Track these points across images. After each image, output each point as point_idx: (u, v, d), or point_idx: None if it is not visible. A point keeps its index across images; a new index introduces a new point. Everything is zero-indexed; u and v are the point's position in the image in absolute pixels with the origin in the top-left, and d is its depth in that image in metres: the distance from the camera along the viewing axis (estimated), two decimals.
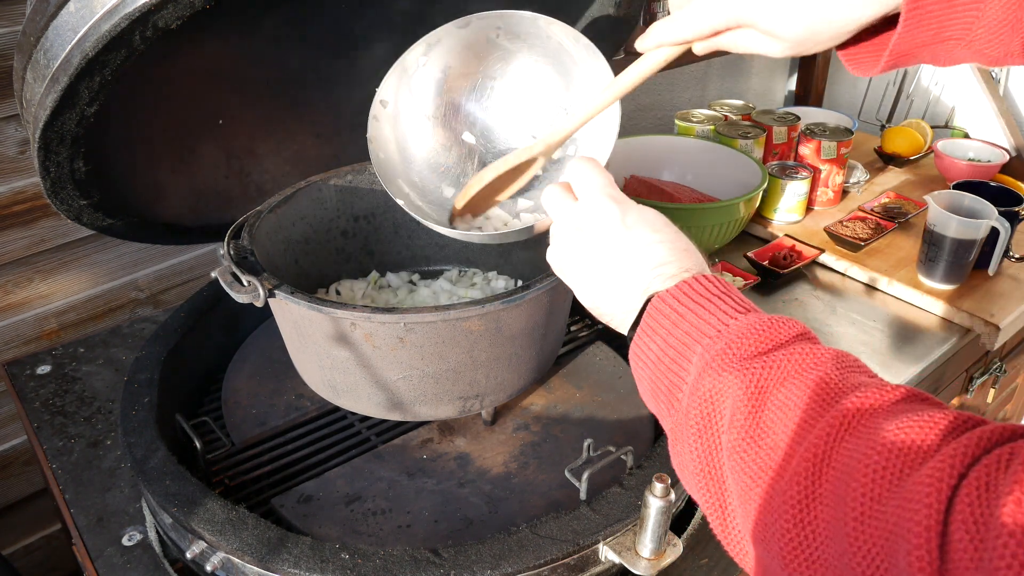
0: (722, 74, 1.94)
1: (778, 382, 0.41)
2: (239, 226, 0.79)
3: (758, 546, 0.40)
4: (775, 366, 0.42)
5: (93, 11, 0.59)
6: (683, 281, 0.49)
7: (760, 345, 0.44)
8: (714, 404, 0.43)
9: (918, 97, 1.89)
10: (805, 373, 0.41)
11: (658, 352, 0.48)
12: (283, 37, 0.89)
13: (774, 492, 0.39)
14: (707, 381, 0.44)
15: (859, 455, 0.35)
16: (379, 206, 0.96)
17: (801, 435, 0.39)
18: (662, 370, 0.48)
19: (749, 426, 0.41)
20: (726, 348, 0.44)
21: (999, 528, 0.29)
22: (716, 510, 0.44)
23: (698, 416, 0.44)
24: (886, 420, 0.36)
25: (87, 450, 0.86)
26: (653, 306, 0.49)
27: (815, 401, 0.39)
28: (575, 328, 1.04)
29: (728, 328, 0.45)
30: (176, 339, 0.90)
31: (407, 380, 0.72)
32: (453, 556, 0.64)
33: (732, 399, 0.42)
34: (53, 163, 0.70)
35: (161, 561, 0.73)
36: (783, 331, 0.45)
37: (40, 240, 1.07)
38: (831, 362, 0.42)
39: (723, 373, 0.43)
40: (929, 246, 1.15)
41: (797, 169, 1.34)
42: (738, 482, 0.41)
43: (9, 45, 0.96)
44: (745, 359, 0.43)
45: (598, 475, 0.70)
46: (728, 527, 0.43)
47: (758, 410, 0.41)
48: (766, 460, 0.40)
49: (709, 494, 0.44)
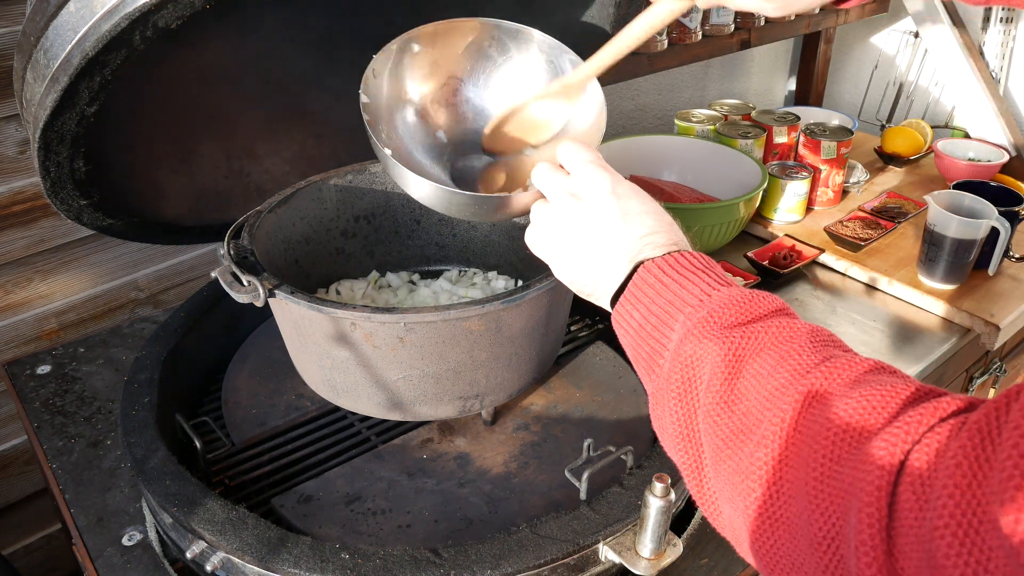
0: (722, 74, 1.94)
1: (755, 352, 0.43)
2: (239, 226, 0.79)
3: (728, 505, 0.42)
4: (753, 337, 0.43)
5: (93, 11, 0.59)
6: (670, 253, 0.50)
7: (740, 316, 0.45)
8: (694, 369, 0.45)
9: (918, 97, 1.89)
10: (780, 345, 0.42)
11: (640, 320, 0.49)
12: (283, 37, 0.89)
13: (743, 455, 0.40)
14: (688, 347, 0.45)
15: (823, 421, 0.37)
16: (379, 206, 0.96)
17: (771, 402, 0.40)
18: (643, 336, 0.49)
19: (725, 392, 0.42)
20: (707, 317, 0.46)
21: (940, 490, 0.30)
22: (692, 470, 0.45)
23: (679, 380, 0.45)
24: (852, 389, 0.38)
25: (87, 450, 0.86)
26: (639, 275, 0.51)
27: (787, 371, 0.41)
28: (575, 328, 1.04)
29: (711, 298, 0.47)
30: (176, 339, 0.90)
31: (407, 380, 0.72)
32: (453, 556, 0.64)
33: (711, 365, 0.44)
34: (53, 163, 0.70)
35: (161, 561, 0.73)
36: (763, 304, 0.46)
37: (40, 240, 1.07)
38: (806, 336, 0.43)
39: (703, 340, 0.45)
40: (929, 246, 1.15)
41: (797, 169, 1.34)
42: (711, 444, 0.43)
43: (9, 45, 0.96)
44: (725, 328, 0.45)
45: (598, 475, 0.70)
46: (703, 487, 0.45)
47: (734, 377, 0.42)
48: (738, 425, 0.41)
49: (686, 455, 0.45)
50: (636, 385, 0.91)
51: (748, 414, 0.41)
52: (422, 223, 1.00)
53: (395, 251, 1.00)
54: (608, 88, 0.72)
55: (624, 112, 1.74)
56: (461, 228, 1.01)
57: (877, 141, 1.65)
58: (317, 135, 1.02)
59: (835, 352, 0.42)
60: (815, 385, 0.39)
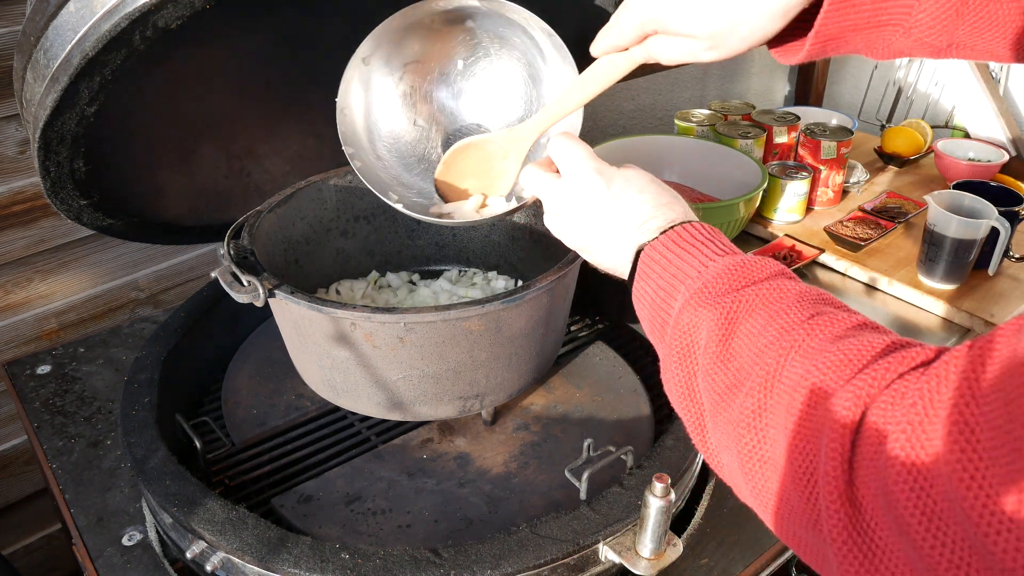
0: (722, 74, 1.94)
1: (747, 313, 0.46)
2: (239, 226, 0.79)
3: (725, 453, 0.46)
4: (746, 299, 0.46)
5: (93, 11, 0.59)
6: (665, 233, 0.53)
7: (735, 283, 0.48)
8: (691, 336, 0.48)
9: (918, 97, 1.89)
10: (771, 305, 0.45)
11: (651, 295, 0.53)
12: (283, 37, 0.89)
13: (735, 406, 0.44)
14: (686, 316, 0.49)
15: (803, 372, 0.40)
16: (379, 206, 0.96)
17: (760, 357, 0.43)
18: (654, 310, 0.53)
19: (719, 352, 0.46)
20: (703, 287, 0.49)
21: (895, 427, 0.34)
22: (696, 427, 0.49)
23: (679, 347, 0.49)
24: (832, 343, 0.41)
25: (87, 450, 0.86)
26: (642, 260, 0.54)
27: (776, 328, 0.44)
28: (575, 328, 1.04)
29: (707, 269, 0.50)
30: (176, 339, 0.90)
31: (407, 380, 0.72)
32: (453, 556, 0.64)
33: (707, 330, 0.47)
34: (53, 163, 0.70)
35: (161, 561, 0.73)
36: (759, 270, 0.48)
37: (40, 240, 1.07)
38: (796, 296, 0.46)
39: (699, 309, 0.48)
40: (929, 246, 1.15)
41: (797, 169, 1.34)
42: (709, 400, 0.46)
43: (9, 45, 0.96)
44: (720, 295, 0.47)
45: (598, 475, 0.70)
46: (705, 440, 0.48)
47: (728, 338, 0.46)
48: (731, 380, 0.45)
49: (689, 413, 0.49)
50: (636, 385, 0.91)
51: (740, 370, 0.44)
52: (422, 223, 1.00)
53: (395, 251, 1.00)
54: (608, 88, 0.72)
55: (624, 112, 1.74)
56: (461, 228, 1.01)
57: (877, 141, 1.65)
58: (317, 135, 1.02)
59: (824, 309, 0.44)
60: (799, 340, 0.42)
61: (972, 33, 0.50)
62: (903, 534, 0.33)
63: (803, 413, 0.39)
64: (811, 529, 0.39)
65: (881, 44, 0.52)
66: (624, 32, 0.57)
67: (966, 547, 0.31)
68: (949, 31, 0.49)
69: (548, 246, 0.92)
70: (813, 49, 0.51)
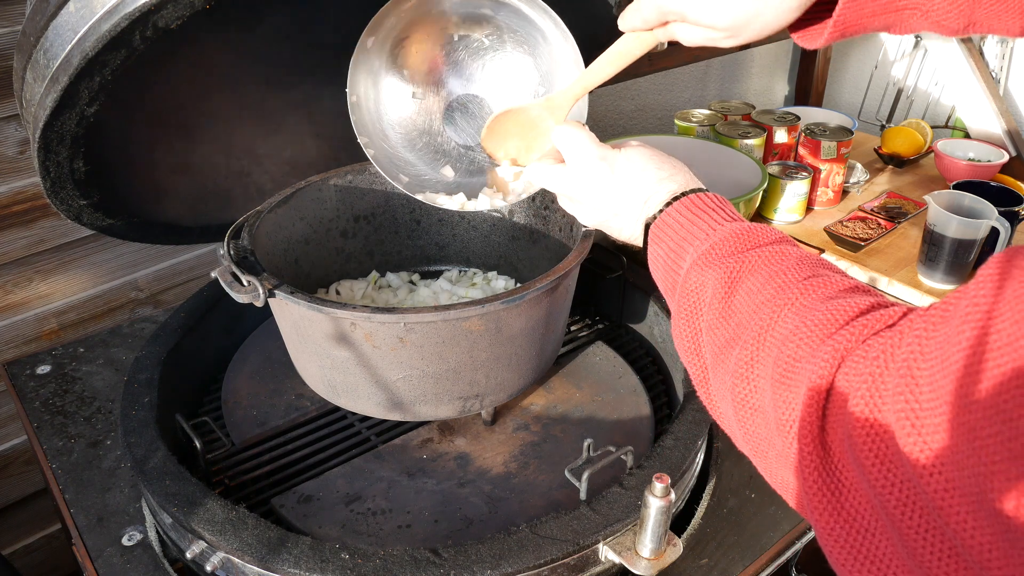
0: (722, 74, 1.94)
1: (749, 273, 0.49)
2: (239, 226, 0.79)
3: (723, 403, 0.49)
4: (749, 261, 0.49)
5: (93, 11, 0.59)
6: (670, 204, 0.57)
7: (740, 246, 0.51)
8: (697, 295, 0.51)
9: (918, 97, 1.89)
10: (771, 266, 0.48)
11: (663, 258, 0.57)
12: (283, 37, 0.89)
13: (732, 358, 0.47)
14: (693, 276, 0.52)
15: (794, 326, 0.43)
16: (379, 206, 0.96)
17: (756, 313, 0.46)
18: (666, 271, 0.56)
19: (721, 308, 0.49)
20: (710, 249, 0.52)
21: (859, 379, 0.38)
22: (700, 379, 0.52)
23: (686, 305, 0.52)
24: (824, 302, 0.44)
25: (87, 450, 0.86)
26: (652, 231, 0.58)
27: (773, 287, 0.47)
28: (575, 328, 1.04)
29: (715, 232, 0.53)
30: (176, 339, 0.90)
31: (407, 380, 0.72)
32: (453, 556, 0.64)
33: (712, 288, 0.50)
34: (53, 163, 0.70)
35: (161, 561, 0.73)
36: (764, 235, 0.51)
37: (40, 240, 1.07)
38: (796, 259, 0.49)
39: (705, 269, 0.51)
40: (929, 246, 1.15)
41: (797, 169, 1.34)
42: (711, 352, 0.50)
43: (9, 45, 0.96)
44: (725, 256, 0.50)
45: (598, 475, 0.70)
46: (708, 392, 0.51)
47: (729, 295, 0.49)
48: (731, 334, 0.48)
49: (694, 366, 0.52)
50: (636, 385, 0.91)
51: (739, 325, 0.47)
52: (422, 223, 1.00)
53: (395, 251, 1.00)
54: (608, 88, 0.73)
55: (624, 112, 1.74)
56: (461, 228, 1.01)
57: (877, 141, 1.65)
58: (317, 135, 1.02)
59: (820, 272, 0.47)
60: (794, 297, 0.45)
61: (990, 14, 0.51)
62: (863, 475, 0.36)
63: (788, 365, 0.42)
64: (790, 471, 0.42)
65: (900, 25, 0.54)
66: (646, 18, 0.60)
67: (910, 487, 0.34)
68: (967, 13, 0.51)
69: (548, 246, 0.92)
70: (833, 35, 0.54)
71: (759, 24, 0.54)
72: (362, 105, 0.76)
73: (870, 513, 0.37)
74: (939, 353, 0.33)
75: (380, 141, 0.78)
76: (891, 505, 0.35)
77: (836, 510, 0.38)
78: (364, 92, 0.76)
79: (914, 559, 0.34)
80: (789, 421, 0.42)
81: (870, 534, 0.36)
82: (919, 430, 0.33)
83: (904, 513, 0.34)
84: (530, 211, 0.94)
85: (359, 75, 0.75)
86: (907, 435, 0.34)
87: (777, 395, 0.43)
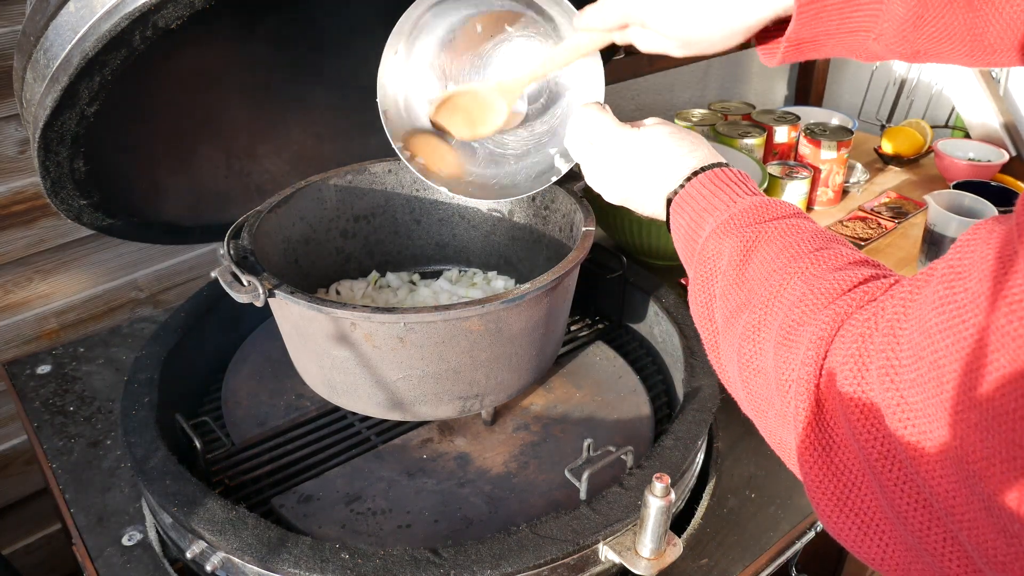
0: (722, 74, 1.94)
1: (764, 243, 0.50)
2: (239, 226, 0.79)
3: (730, 366, 0.51)
4: (765, 231, 0.51)
5: (93, 11, 0.59)
6: (692, 180, 0.59)
7: (758, 217, 0.52)
8: (714, 262, 0.53)
9: (918, 97, 1.89)
10: (786, 237, 0.50)
11: (685, 227, 0.58)
12: (283, 37, 0.89)
13: (741, 322, 0.49)
14: (711, 244, 0.54)
15: (801, 293, 0.45)
16: (379, 206, 0.96)
17: (767, 280, 0.48)
18: (686, 240, 0.58)
19: (736, 275, 0.51)
20: (729, 219, 0.53)
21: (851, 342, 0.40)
22: (711, 344, 0.54)
23: (703, 272, 0.54)
24: (831, 272, 0.46)
25: (87, 450, 0.86)
26: (674, 205, 0.60)
27: (786, 257, 0.48)
28: (575, 328, 1.04)
29: (735, 204, 0.55)
30: (176, 339, 0.90)
31: (407, 380, 0.72)
32: (453, 556, 0.64)
33: (728, 256, 0.52)
34: (53, 163, 0.70)
35: (161, 561, 0.73)
36: (781, 208, 0.53)
37: (40, 240, 1.07)
38: (810, 232, 0.50)
39: (723, 238, 0.53)
40: (929, 246, 1.15)
41: (797, 169, 1.34)
42: (722, 317, 0.51)
43: (9, 45, 0.96)
44: (743, 227, 0.52)
45: (598, 475, 0.70)
46: (718, 355, 0.53)
47: (744, 264, 0.50)
48: (742, 299, 0.49)
49: (706, 331, 0.54)
50: (636, 385, 0.91)
51: (751, 291, 0.49)
52: (422, 223, 1.00)
53: (395, 251, 1.00)
54: (608, 88, 0.73)
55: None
56: (461, 228, 1.01)
57: (877, 141, 1.65)
58: (317, 135, 1.02)
59: (832, 245, 0.49)
60: (804, 267, 0.47)
61: (930, 42, 0.55)
62: (851, 430, 0.39)
63: (791, 328, 0.45)
64: (786, 428, 0.45)
65: (859, 48, 0.57)
66: (607, 19, 0.64)
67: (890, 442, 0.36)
68: (911, 40, 0.55)
69: (548, 246, 0.92)
70: (788, 53, 0.58)
71: (706, 43, 0.60)
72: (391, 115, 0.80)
73: (857, 468, 0.39)
74: (918, 314, 0.35)
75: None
76: (873, 458, 0.37)
77: (826, 464, 0.40)
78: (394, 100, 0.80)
79: (893, 509, 0.36)
80: (788, 381, 0.44)
81: (856, 487, 0.39)
82: (897, 385, 0.35)
83: (884, 466, 0.37)
84: (530, 211, 0.94)
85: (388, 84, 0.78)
86: (886, 390, 0.36)
87: (779, 356, 0.45)
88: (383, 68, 0.78)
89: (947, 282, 0.34)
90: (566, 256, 0.74)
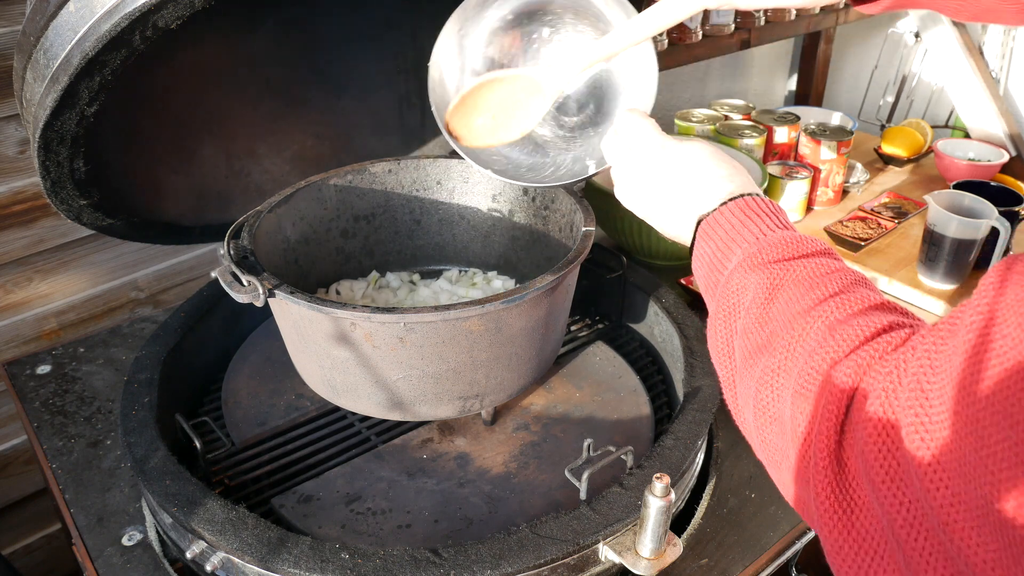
0: (722, 74, 1.94)
1: (790, 283, 0.49)
2: (239, 226, 0.79)
3: (747, 409, 0.49)
4: (791, 270, 0.49)
5: (93, 11, 0.59)
6: (724, 204, 0.57)
7: (786, 253, 0.51)
8: (738, 297, 0.51)
9: (918, 97, 1.89)
10: (812, 278, 0.48)
11: (709, 256, 0.56)
12: (283, 37, 0.89)
13: (760, 366, 0.47)
14: (736, 278, 0.52)
15: (822, 339, 0.44)
16: (379, 206, 0.96)
17: (790, 324, 0.47)
18: (710, 270, 0.56)
19: (759, 315, 0.49)
20: (757, 252, 0.52)
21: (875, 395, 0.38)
22: (728, 383, 0.52)
23: (725, 306, 0.52)
24: (855, 316, 0.44)
25: (87, 450, 0.86)
26: (702, 228, 0.58)
27: (810, 299, 0.47)
28: (575, 328, 1.04)
29: (765, 237, 0.53)
30: (176, 339, 0.90)
31: (407, 380, 0.72)
32: (453, 556, 0.64)
33: (752, 293, 0.50)
34: (53, 163, 0.70)
35: (161, 561, 0.73)
36: (809, 245, 0.52)
37: (40, 240, 1.07)
38: (838, 273, 0.49)
39: (749, 273, 0.51)
40: (929, 246, 1.15)
41: (797, 169, 1.34)
42: (741, 357, 0.50)
43: (9, 45, 0.96)
44: (770, 263, 0.51)
45: (598, 475, 0.70)
46: (735, 395, 0.51)
47: (768, 303, 0.49)
48: (763, 340, 0.48)
49: (725, 369, 0.52)
50: (636, 385, 0.91)
51: (773, 333, 0.47)
52: (422, 223, 1.00)
53: (395, 251, 1.00)
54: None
55: None
56: (461, 228, 1.01)
57: (877, 141, 1.65)
58: (317, 135, 1.02)
59: (856, 289, 0.47)
60: (828, 311, 0.45)
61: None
62: (874, 492, 0.36)
63: (809, 377, 0.43)
64: (803, 485, 0.43)
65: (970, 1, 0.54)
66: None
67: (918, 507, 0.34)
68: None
69: (548, 246, 0.92)
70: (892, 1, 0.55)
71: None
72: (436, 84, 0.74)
73: (880, 535, 0.36)
74: (947, 365, 0.33)
75: None
76: (898, 525, 0.34)
77: (847, 528, 0.38)
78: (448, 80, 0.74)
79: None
80: (803, 434, 0.42)
81: (879, 557, 0.36)
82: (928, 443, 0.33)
83: (910, 535, 0.34)
84: (530, 211, 0.94)
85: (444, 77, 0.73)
86: (916, 448, 0.33)
87: (796, 406, 0.43)
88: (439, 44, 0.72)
89: (976, 329, 0.32)
90: (566, 256, 0.74)
